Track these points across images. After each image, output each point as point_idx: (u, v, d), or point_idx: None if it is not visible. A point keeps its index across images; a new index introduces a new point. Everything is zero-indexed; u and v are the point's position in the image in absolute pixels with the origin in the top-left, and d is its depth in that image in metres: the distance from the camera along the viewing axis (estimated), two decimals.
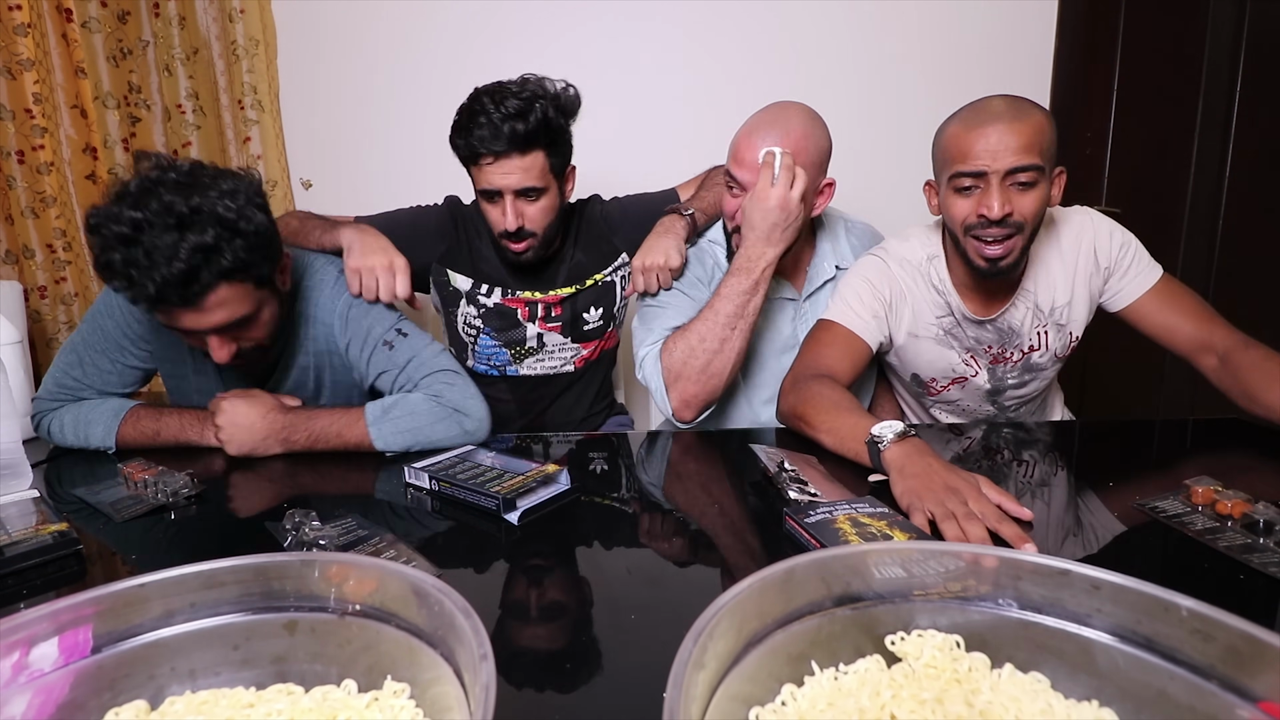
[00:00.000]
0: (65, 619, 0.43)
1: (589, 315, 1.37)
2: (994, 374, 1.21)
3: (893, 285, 1.17)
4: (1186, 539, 0.72)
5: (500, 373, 1.39)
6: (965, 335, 1.18)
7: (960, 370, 1.21)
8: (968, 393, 1.24)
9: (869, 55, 1.93)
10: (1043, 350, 1.18)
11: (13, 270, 2.00)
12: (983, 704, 0.41)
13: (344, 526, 0.76)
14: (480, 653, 0.37)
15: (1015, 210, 1.02)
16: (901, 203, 1.67)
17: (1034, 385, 1.23)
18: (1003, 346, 1.18)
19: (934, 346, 1.20)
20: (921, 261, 1.18)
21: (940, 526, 0.73)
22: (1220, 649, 0.38)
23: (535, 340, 1.37)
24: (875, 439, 0.88)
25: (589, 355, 1.41)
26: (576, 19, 1.92)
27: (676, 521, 0.84)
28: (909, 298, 1.18)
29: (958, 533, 0.72)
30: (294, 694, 0.45)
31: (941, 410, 1.31)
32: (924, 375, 1.24)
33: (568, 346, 1.39)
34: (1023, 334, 1.17)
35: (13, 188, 1.93)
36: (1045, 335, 1.17)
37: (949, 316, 1.18)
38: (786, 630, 0.45)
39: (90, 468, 1.04)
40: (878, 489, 0.85)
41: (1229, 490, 0.76)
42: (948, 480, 0.78)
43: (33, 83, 1.88)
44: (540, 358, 1.39)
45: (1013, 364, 1.20)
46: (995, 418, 1.28)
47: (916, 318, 1.18)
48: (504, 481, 0.84)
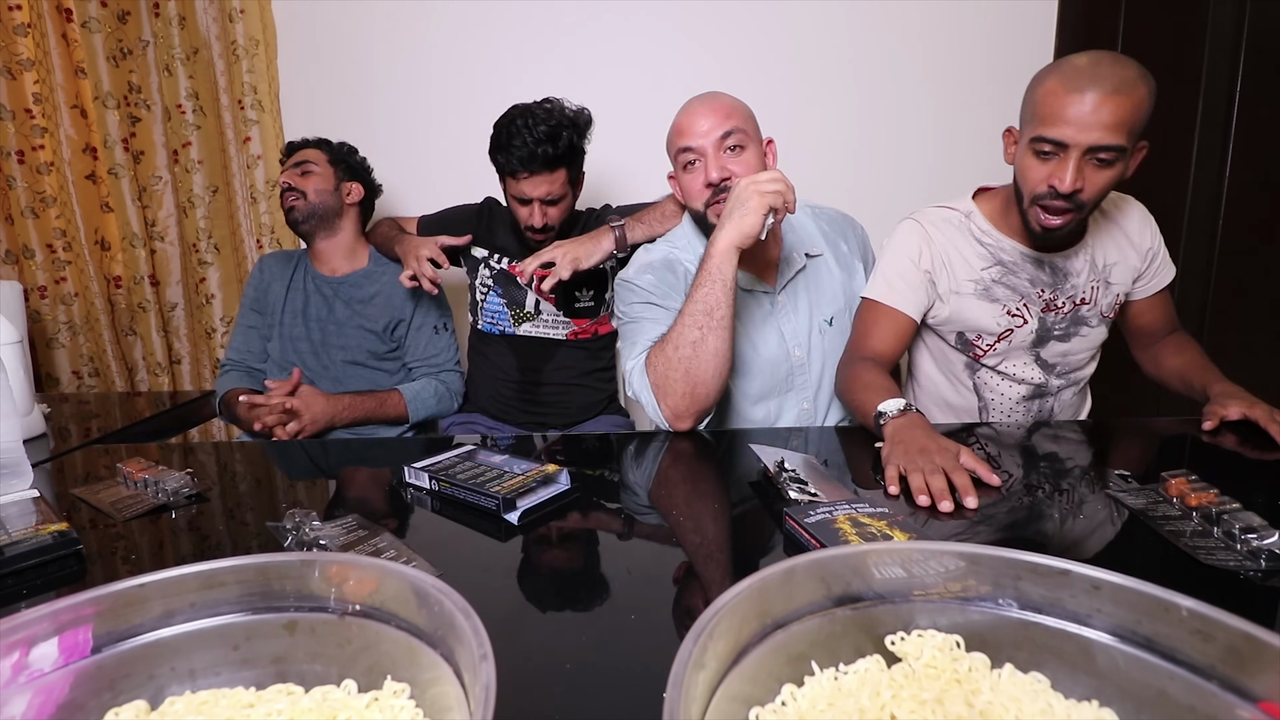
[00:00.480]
0: (65, 619, 0.43)
1: (580, 294, 1.61)
2: (1043, 323, 1.21)
3: (931, 248, 1.21)
4: (1142, 524, 0.76)
5: (502, 332, 1.65)
6: (1019, 280, 1.19)
7: (1005, 323, 1.21)
8: (1013, 349, 1.23)
9: (869, 55, 1.93)
10: (1092, 304, 1.21)
11: (13, 270, 2.00)
12: (983, 704, 0.41)
13: (344, 526, 0.76)
14: (480, 653, 0.37)
15: (1087, 187, 1.02)
16: (902, 202, 1.67)
17: (1077, 344, 1.23)
18: (1055, 291, 1.19)
19: (976, 302, 1.21)
20: (960, 218, 1.22)
21: (909, 479, 0.85)
22: (1220, 649, 0.38)
23: (533, 305, 1.62)
24: (880, 413, 0.99)
25: (580, 332, 1.64)
26: (576, 19, 1.92)
27: (676, 521, 0.84)
28: (949, 255, 1.20)
29: (920, 485, 0.83)
30: (294, 694, 0.45)
31: (984, 382, 1.28)
32: (969, 334, 1.24)
33: (560, 319, 1.63)
34: (1078, 283, 1.19)
35: (13, 188, 1.94)
36: (1097, 290, 1.20)
37: (996, 266, 1.19)
38: (786, 630, 0.45)
39: (90, 468, 1.04)
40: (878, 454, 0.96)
41: (1202, 483, 0.79)
42: (924, 444, 0.89)
43: (33, 83, 1.89)
44: (536, 324, 1.63)
45: (1063, 314, 1.21)
46: (1043, 388, 1.27)
47: (956, 275, 1.20)
48: (504, 481, 0.84)
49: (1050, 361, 1.25)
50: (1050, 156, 1.03)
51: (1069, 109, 0.99)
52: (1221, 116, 1.71)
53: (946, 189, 1.96)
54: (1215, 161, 1.73)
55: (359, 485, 0.98)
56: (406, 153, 1.99)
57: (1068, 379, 1.27)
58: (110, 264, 2.07)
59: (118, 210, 2.03)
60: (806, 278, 1.30)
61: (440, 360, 1.67)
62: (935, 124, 1.95)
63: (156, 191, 2.05)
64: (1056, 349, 1.24)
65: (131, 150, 2.01)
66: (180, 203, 2.05)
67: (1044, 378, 1.26)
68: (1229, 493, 0.76)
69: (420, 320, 1.65)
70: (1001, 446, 1.06)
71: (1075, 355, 1.25)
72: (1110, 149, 0.99)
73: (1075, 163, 1.00)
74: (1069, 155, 1.00)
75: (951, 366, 1.32)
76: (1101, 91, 0.97)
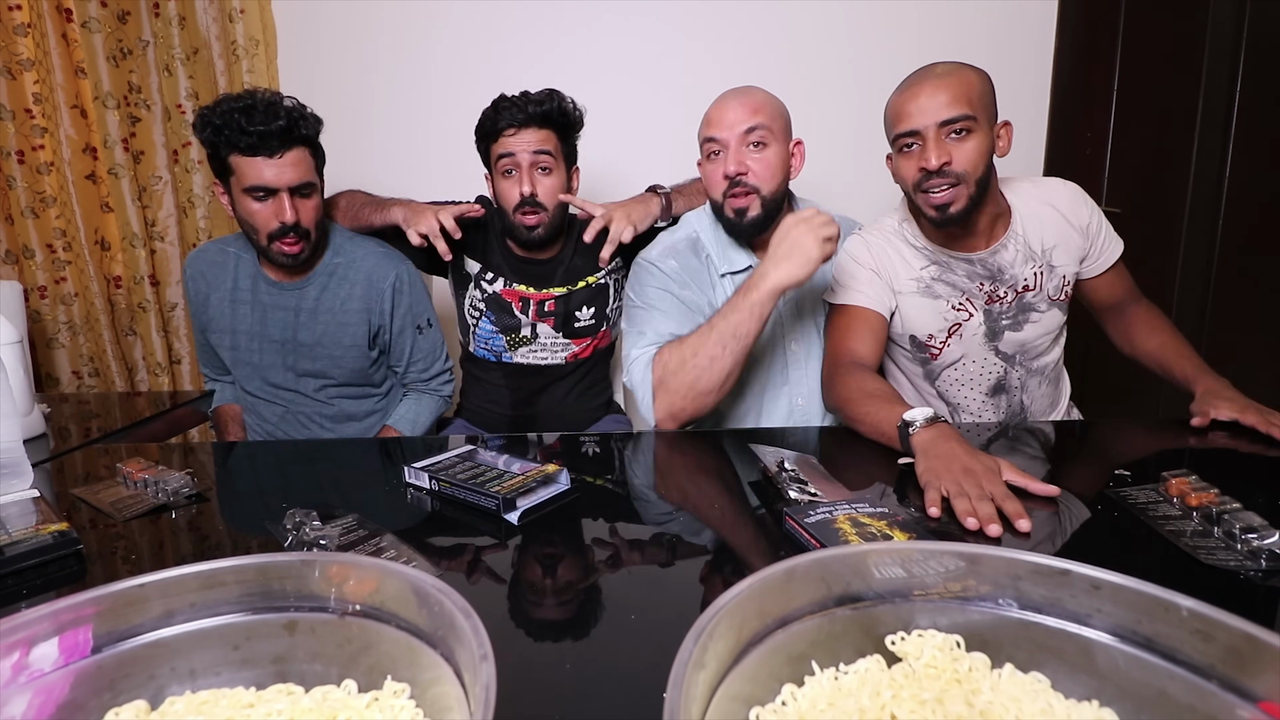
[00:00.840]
0: (65, 619, 0.43)
1: (581, 314, 1.50)
2: (989, 315, 1.23)
3: (873, 252, 1.23)
4: (1142, 524, 0.76)
5: (497, 359, 1.52)
6: (957, 277, 1.21)
7: (952, 317, 1.22)
8: (966, 343, 1.24)
9: (868, 55, 1.93)
10: (1037, 290, 1.22)
11: (13, 270, 2.00)
12: (983, 704, 0.41)
13: (344, 526, 0.76)
14: (480, 653, 0.37)
15: (954, 160, 1.08)
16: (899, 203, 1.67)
17: (1031, 331, 1.24)
18: (995, 284, 1.21)
19: (920, 299, 1.23)
20: (894, 225, 1.26)
21: (953, 503, 0.78)
22: (1220, 649, 0.38)
23: (529, 330, 1.49)
24: (907, 423, 0.93)
25: (580, 352, 1.53)
26: (576, 19, 1.93)
27: (676, 521, 0.84)
28: (889, 259, 1.23)
29: (968, 508, 0.76)
30: (294, 694, 0.45)
31: (948, 381, 1.29)
32: (920, 335, 1.25)
33: (559, 341, 1.50)
34: (1015, 273, 1.21)
35: (13, 188, 1.94)
36: (1040, 276, 1.21)
37: (932, 265, 1.22)
38: (786, 630, 0.45)
39: (90, 468, 1.04)
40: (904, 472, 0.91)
41: (1203, 483, 0.79)
42: (967, 463, 0.82)
43: (33, 83, 1.89)
44: (534, 348, 1.51)
45: (1007, 304, 1.22)
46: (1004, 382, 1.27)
47: (898, 275, 1.23)
48: (504, 481, 0.84)
49: (1009, 352, 1.26)
50: (914, 148, 1.11)
51: (909, 104, 1.09)
52: (1221, 116, 1.71)
53: None
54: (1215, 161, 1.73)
55: (359, 485, 0.98)
56: (406, 153, 2.00)
57: (1029, 368, 1.28)
58: (110, 264, 2.07)
59: (118, 210, 2.03)
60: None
61: (428, 366, 1.47)
62: None
63: (156, 191, 2.05)
64: (1013, 339, 1.25)
65: (131, 150, 2.01)
66: (180, 203, 2.05)
67: (1004, 369, 1.27)
68: (1229, 493, 0.76)
69: (400, 323, 1.41)
70: (1002, 446, 1.06)
71: (1034, 342, 1.26)
72: (958, 119, 1.07)
73: (934, 142, 1.08)
74: (926, 138, 1.09)
75: (913, 378, 1.34)
76: (929, 81, 1.08)
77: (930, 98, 1.07)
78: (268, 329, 1.36)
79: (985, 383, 1.28)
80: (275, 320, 1.35)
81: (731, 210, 1.21)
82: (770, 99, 1.21)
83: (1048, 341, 1.27)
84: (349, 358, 1.38)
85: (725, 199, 1.21)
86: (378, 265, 1.37)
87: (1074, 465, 0.98)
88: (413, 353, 1.44)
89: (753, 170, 1.18)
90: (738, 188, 1.19)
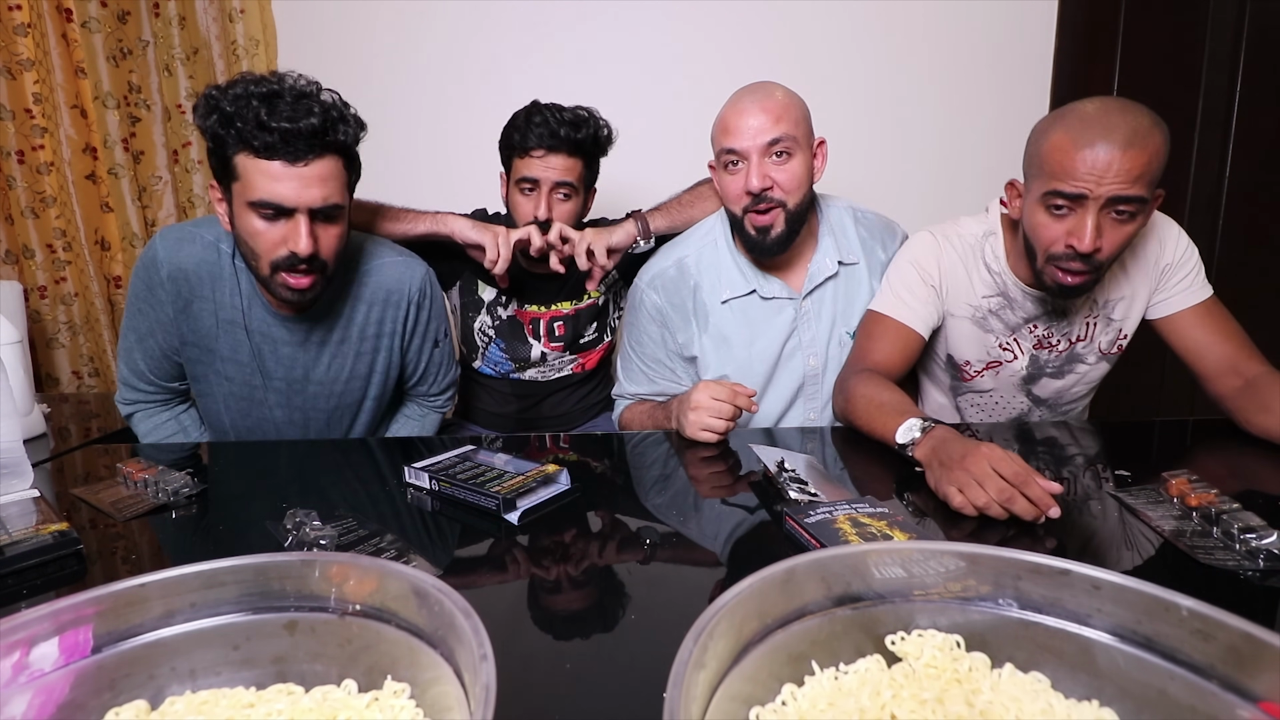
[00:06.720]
0: (65, 619, 0.43)
1: (587, 331, 1.54)
2: (1035, 360, 1.17)
3: (941, 262, 1.15)
4: (1142, 524, 0.76)
5: (504, 377, 1.55)
6: (1016, 315, 1.14)
7: (995, 355, 1.17)
8: (1002, 381, 1.20)
9: (870, 55, 1.93)
10: (1088, 342, 1.15)
11: (13, 270, 2.00)
12: (983, 704, 0.41)
13: (344, 526, 0.76)
14: (480, 653, 0.37)
15: (1105, 245, 0.95)
16: (901, 203, 1.67)
17: (1071, 380, 1.19)
18: (1049, 329, 1.14)
19: (970, 328, 1.17)
20: (977, 237, 1.15)
21: (971, 500, 0.78)
22: (1220, 649, 0.38)
23: (538, 356, 1.52)
24: (903, 446, 0.91)
25: (586, 363, 1.57)
26: (576, 19, 1.92)
27: (676, 521, 0.84)
28: (956, 278, 1.15)
29: (1000, 513, 0.76)
30: (294, 694, 0.45)
31: (971, 403, 1.27)
32: (958, 358, 1.21)
33: (566, 359, 1.55)
34: (1074, 322, 1.14)
35: (13, 188, 1.94)
36: (1093, 327, 1.14)
37: (997, 296, 1.14)
38: (786, 630, 0.45)
39: (90, 468, 1.04)
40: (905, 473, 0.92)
41: (1203, 483, 0.79)
42: (973, 468, 0.79)
43: (33, 83, 1.88)
44: (543, 369, 1.54)
45: (1057, 352, 1.16)
46: (1025, 415, 1.24)
47: (957, 299, 1.16)
48: (504, 481, 0.84)
49: (1042, 396, 1.22)
50: (1065, 212, 0.96)
51: (1083, 162, 0.91)
52: (1221, 116, 1.71)
53: (946, 189, 1.97)
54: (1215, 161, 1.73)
55: (359, 485, 0.98)
56: (406, 153, 1.99)
57: (1056, 411, 1.24)
58: (110, 264, 2.07)
59: (118, 210, 2.03)
60: (837, 285, 1.25)
61: (437, 380, 1.32)
62: (935, 124, 1.95)
63: (156, 191, 2.05)
64: (1050, 386, 1.20)
65: (131, 150, 2.01)
66: (180, 203, 2.04)
67: (1030, 408, 1.24)
68: (1229, 493, 0.76)
69: (419, 340, 1.25)
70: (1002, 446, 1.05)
71: (1070, 390, 1.21)
72: (1130, 200, 0.92)
73: (1094, 218, 0.93)
74: (1086, 210, 0.93)
75: (940, 385, 1.30)
76: (1116, 143, 0.90)
77: (1112, 166, 0.91)
78: (267, 363, 1.10)
79: (1006, 415, 1.24)
80: (280, 357, 1.10)
81: (753, 228, 1.16)
82: (791, 100, 1.15)
83: (1083, 390, 1.23)
84: (374, 385, 1.20)
85: (746, 215, 1.16)
86: (399, 276, 1.18)
87: (1074, 465, 0.98)
88: (426, 368, 1.28)
89: (777, 184, 1.12)
90: (761, 203, 1.13)
